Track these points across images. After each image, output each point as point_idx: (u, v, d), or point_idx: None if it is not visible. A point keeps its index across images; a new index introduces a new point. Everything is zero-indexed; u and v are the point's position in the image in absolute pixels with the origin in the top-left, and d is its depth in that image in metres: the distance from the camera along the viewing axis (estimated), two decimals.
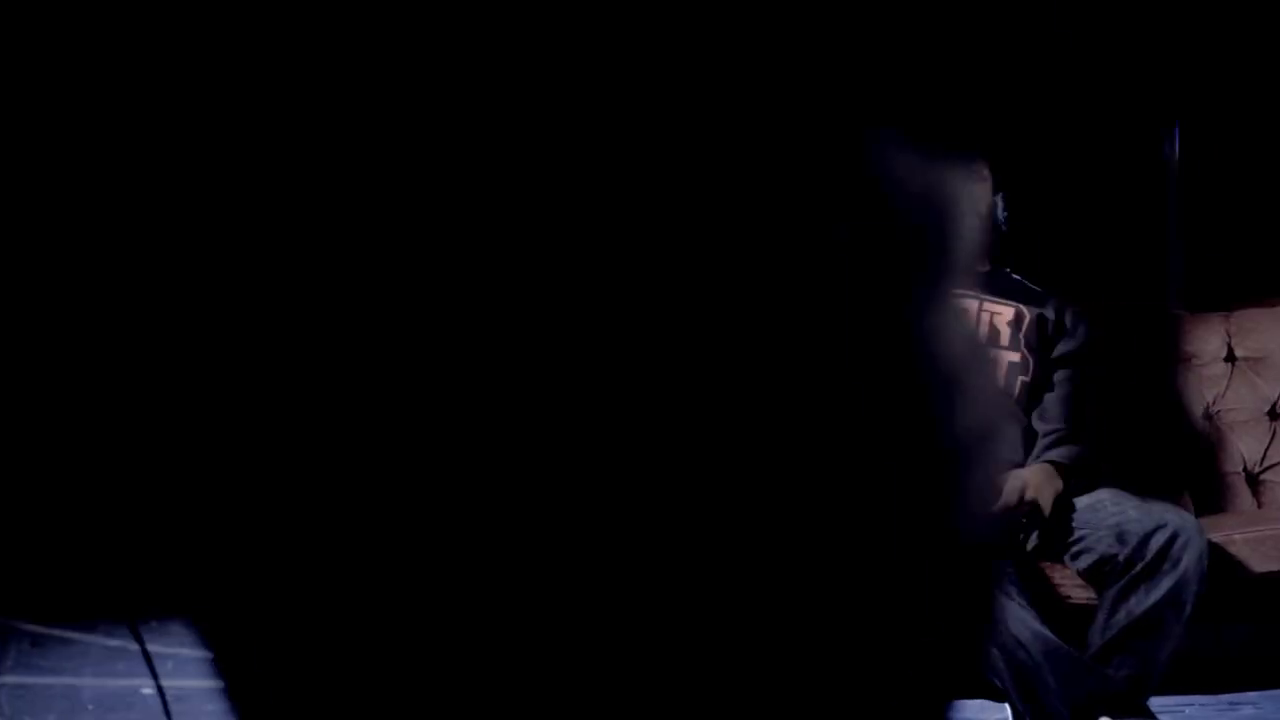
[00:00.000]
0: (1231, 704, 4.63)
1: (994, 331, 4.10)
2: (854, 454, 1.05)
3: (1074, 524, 3.81)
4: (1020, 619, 3.56)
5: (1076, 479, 3.90)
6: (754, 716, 1.00)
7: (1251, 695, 4.60)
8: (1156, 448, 4.42)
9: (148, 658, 3.51)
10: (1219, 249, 7.11)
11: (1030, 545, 3.86)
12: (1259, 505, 4.40)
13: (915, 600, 1.12)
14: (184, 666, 5.48)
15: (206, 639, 1.27)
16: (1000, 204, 4.19)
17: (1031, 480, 3.82)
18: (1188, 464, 4.42)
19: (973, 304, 4.12)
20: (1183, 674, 3.87)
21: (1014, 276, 4.24)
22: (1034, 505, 3.79)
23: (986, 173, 4.14)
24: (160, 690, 3.41)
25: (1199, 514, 4.33)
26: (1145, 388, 4.46)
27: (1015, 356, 4.10)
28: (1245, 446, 4.45)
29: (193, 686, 5.18)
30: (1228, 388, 4.50)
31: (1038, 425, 4.07)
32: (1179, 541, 3.68)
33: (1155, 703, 4.29)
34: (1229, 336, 4.54)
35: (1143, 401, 4.45)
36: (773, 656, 1.01)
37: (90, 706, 4.72)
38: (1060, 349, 4.13)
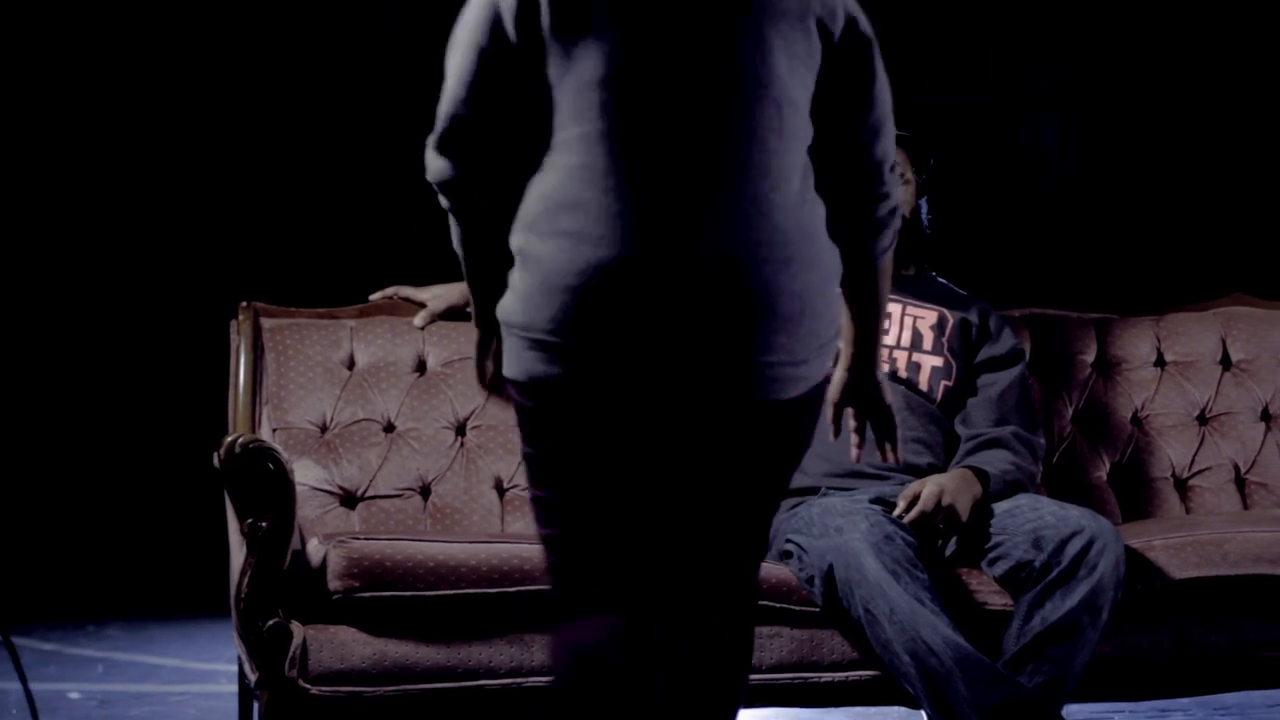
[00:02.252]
0: (1161, 711, 4.62)
1: (917, 335, 4.08)
2: None
3: (991, 529, 3.78)
4: (932, 625, 3.53)
5: (998, 485, 3.87)
6: None
7: (1184, 702, 4.59)
8: (1083, 452, 4.40)
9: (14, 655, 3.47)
10: (1149, 252, 7.11)
11: (949, 552, 3.84)
12: (1187, 510, 4.38)
13: None
14: (115, 670, 5.47)
15: None
16: (924, 207, 4.17)
17: (949, 486, 3.79)
18: (1115, 469, 4.40)
19: (896, 307, 4.09)
20: (1115, 680, 3.85)
21: (939, 280, 4.21)
22: (951, 511, 3.76)
23: (910, 175, 4.11)
24: (27, 692, 3.36)
25: (1126, 519, 4.32)
26: (1071, 392, 4.44)
27: (938, 361, 4.07)
28: (1174, 452, 4.43)
29: (121, 690, 5.17)
30: (1156, 392, 4.47)
31: (960, 430, 4.05)
32: (1095, 547, 3.65)
33: (1086, 709, 4.28)
34: (1159, 341, 4.52)
35: (1069, 406, 4.42)
36: None
37: (14, 710, 4.68)
38: (984, 353, 4.10)
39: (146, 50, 7.24)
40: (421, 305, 4.19)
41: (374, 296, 4.26)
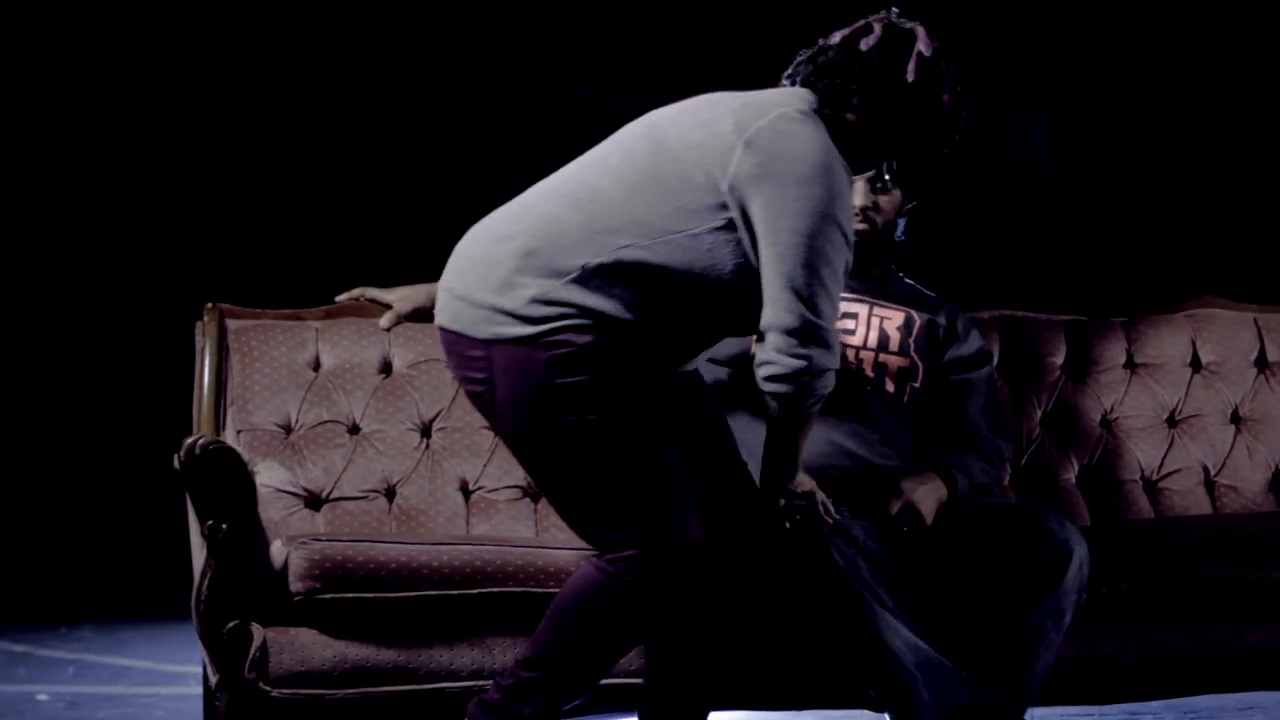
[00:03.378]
0: (1131, 714, 4.61)
1: (883, 336, 4.06)
2: None
3: (955, 531, 3.78)
4: (894, 629, 3.52)
5: (964, 488, 3.86)
6: None
7: (1154, 705, 4.59)
8: (1051, 455, 4.39)
9: None
10: (1121, 256, 7.11)
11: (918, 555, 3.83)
12: (1156, 513, 4.37)
13: None
14: (85, 672, 5.46)
15: None
16: (902, 224, 4.16)
17: (914, 488, 3.78)
18: (1084, 471, 4.39)
19: (862, 308, 4.08)
20: (1081, 683, 3.84)
21: (906, 281, 4.20)
22: (915, 513, 3.75)
23: (896, 189, 4.10)
24: None
25: (1095, 522, 4.31)
26: (1040, 394, 4.43)
27: (904, 362, 4.05)
28: (1143, 454, 4.42)
29: (90, 692, 5.16)
30: (1126, 394, 4.47)
31: (928, 435, 4.03)
32: (1060, 550, 3.64)
33: (1053, 712, 4.27)
34: (1128, 343, 4.51)
35: (1038, 408, 4.42)
36: None
37: None
38: (951, 354, 4.09)
39: (114, 53, 7.22)
40: (387, 306, 4.18)
41: (340, 298, 4.24)
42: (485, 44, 7.27)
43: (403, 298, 4.20)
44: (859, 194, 4.01)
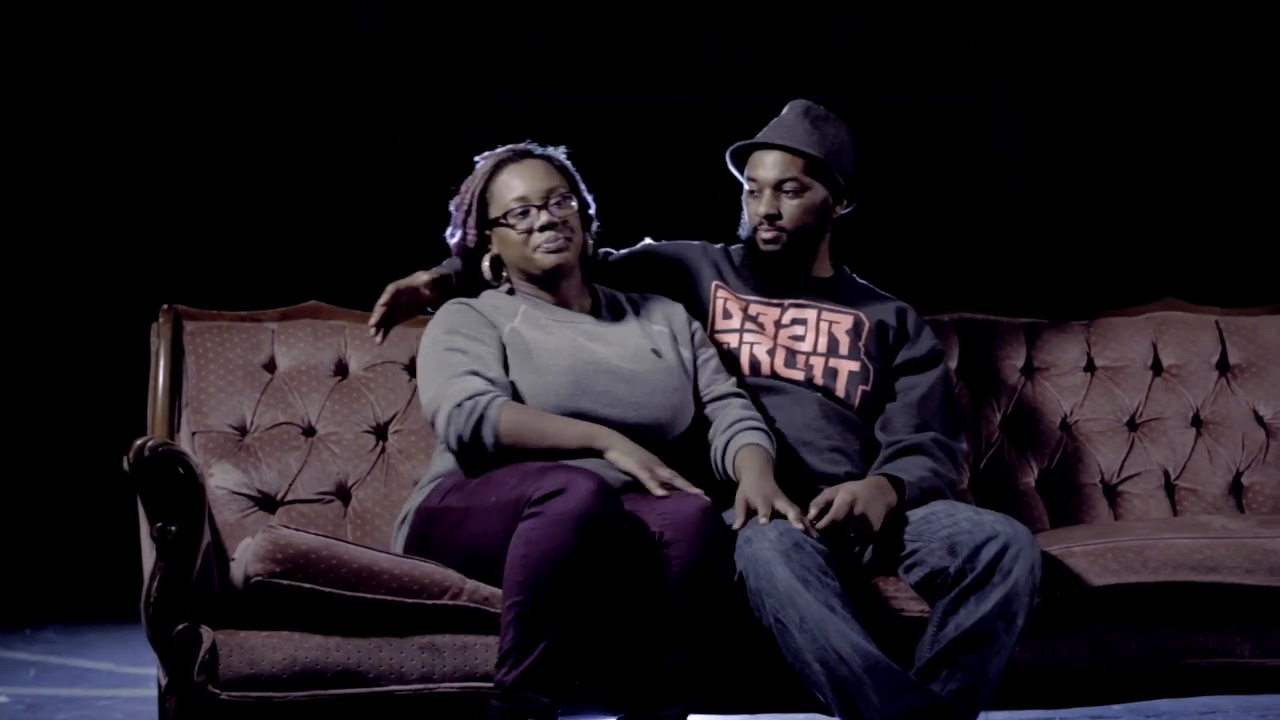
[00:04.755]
0: (1093, 718, 4.61)
1: (833, 340, 4.05)
2: None
3: (906, 536, 3.76)
4: (842, 634, 3.51)
5: (913, 493, 3.84)
6: None
7: (1115, 709, 4.58)
8: (1011, 459, 4.38)
9: None
10: (1083, 258, 7.10)
11: (865, 559, 3.82)
12: (1116, 517, 4.36)
13: None
14: (46, 674, 5.44)
15: None
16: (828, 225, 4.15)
17: (862, 494, 3.76)
18: (1044, 475, 4.38)
19: (811, 313, 4.07)
20: (1035, 687, 3.83)
21: (858, 281, 4.19)
22: (863, 520, 3.73)
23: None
24: None
25: (1055, 526, 4.30)
26: (1000, 397, 4.42)
27: (855, 365, 4.04)
28: (1103, 457, 4.41)
29: (50, 694, 5.14)
30: (1086, 397, 4.46)
31: (880, 437, 4.02)
32: (1010, 552, 3.63)
33: (1008, 716, 4.26)
34: (1089, 346, 4.50)
35: (997, 411, 4.41)
36: None
37: None
38: (903, 356, 4.07)
39: (67, 52, 7.18)
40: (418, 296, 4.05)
41: (380, 307, 4.02)
42: (485, 44, 7.25)
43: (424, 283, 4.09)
44: (764, 202, 4.02)
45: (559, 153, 3.98)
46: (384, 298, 3.95)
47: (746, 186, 4.07)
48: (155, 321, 4.17)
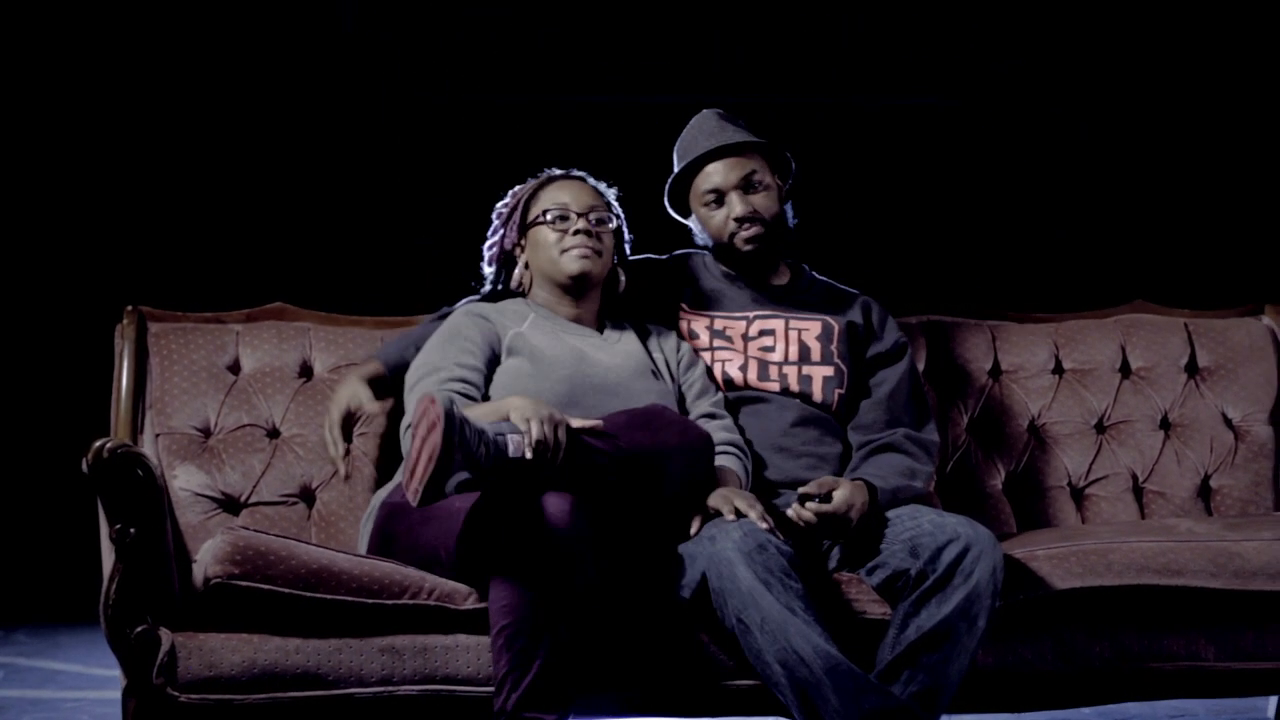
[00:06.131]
0: None
1: (804, 348, 4.05)
2: None
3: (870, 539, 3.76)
4: (804, 635, 3.50)
5: (885, 498, 3.83)
6: None
7: (1085, 712, 4.57)
8: (977, 461, 4.38)
9: None
10: (1048, 258, 7.10)
11: (832, 564, 3.82)
12: (1083, 520, 4.36)
13: None
14: (15, 676, 5.42)
15: None
16: (789, 211, 4.16)
17: (857, 500, 3.77)
18: (1011, 478, 4.37)
19: (778, 323, 4.07)
20: (999, 690, 3.83)
21: (818, 280, 4.19)
22: (845, 522, 3.73)
23: (771, 181, 4.09)
24: None
25: (1022, 529, 4.30)
26: (967, 399, 4.41)
27: (829, 371, 4.04)
28: (1070, 460, 4.41)
29: (17, 696, 5.12)
30: (1054, 400, 4.45)
31: (853, 437, 4.03)
32: (971, 554, 3.63)
33: (973, 719, 4.25)
34: (1057, 348, 4.50)
35: (964, 414, 4.40)
36: None
37: None
38: (871, 351, 4.09)
39: (32, 48, 7.15)
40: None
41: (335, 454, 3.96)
42: (486, 44, 7.23)
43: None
44: (733, 205, 4.04)
45: (610, 191, 4.04)
46: (330, 433, 3.86)
47: (704, 201, 4.09)
48: (120, 323, 4.16)
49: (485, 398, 3.80)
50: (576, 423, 3.56)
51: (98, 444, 3.50)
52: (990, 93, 7.24)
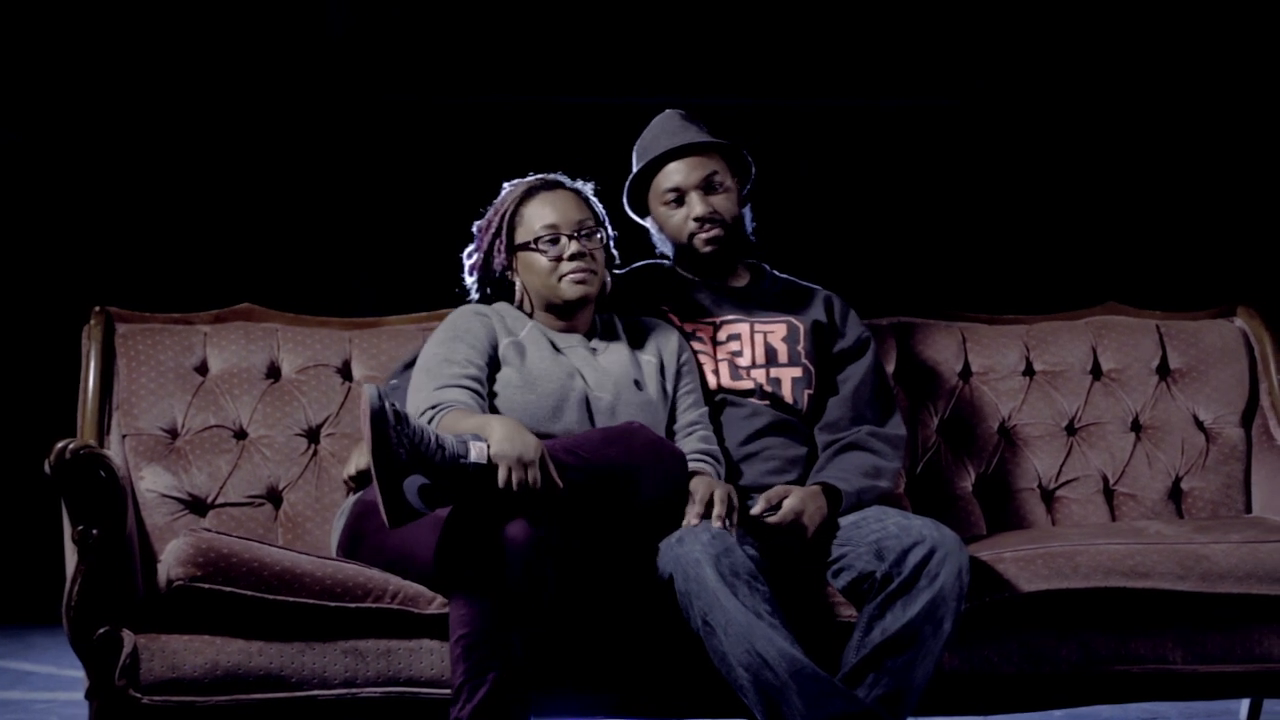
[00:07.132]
0: None
1: (770, 350, 4.05)
2: None
3: (835, 541, 3.75)
4: (769, 638, 3.49)
5: (850, 501, 3.83)
6: None
7: (1057, 714, 4.57)
8: (947, 463, 4.37)
9: None
10: (1020, 259, 7.10)
11: (795, 567, 3.81)
12: (1053, 522, 4.35)
13: None
14: None
15: None
16: (748, 215, 4.16)
17: (809, 506, 3.77)
18: (981, 480, 4.37)
19: (744, 327, 4.06)
20: (965, 693, 3.82)
21: (780, 279, 4.19)
22: (800, 528, 3.73)
23: (730, 183, 4.09)
24: None
25: (992, 531, 4.29)
26: (937, 401, 4.41)
27: (798, 372, 4.04)
28: (1041, 462, 4.40)
29: None
30: (1024, 401, 4.45)
31: (819, 437, 4.02)
32: (936, 556, 3.62)
33: None
34: (1028, 349, 4.49)
35: (934, 416, 4.39)
36: None
37: None
38: (836, 349, 4.09)
39: (6, 48, 7.13)
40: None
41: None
42: (459, 48, 7.23)
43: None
44: (693, 205, 4.03)
45: (588, 188, 4.00)
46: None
47: (664, 200, 4.08)
48: (87, 323, 4.15)
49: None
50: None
51: (60, 445, 3.49)
52: (964, 96, 7.25)
